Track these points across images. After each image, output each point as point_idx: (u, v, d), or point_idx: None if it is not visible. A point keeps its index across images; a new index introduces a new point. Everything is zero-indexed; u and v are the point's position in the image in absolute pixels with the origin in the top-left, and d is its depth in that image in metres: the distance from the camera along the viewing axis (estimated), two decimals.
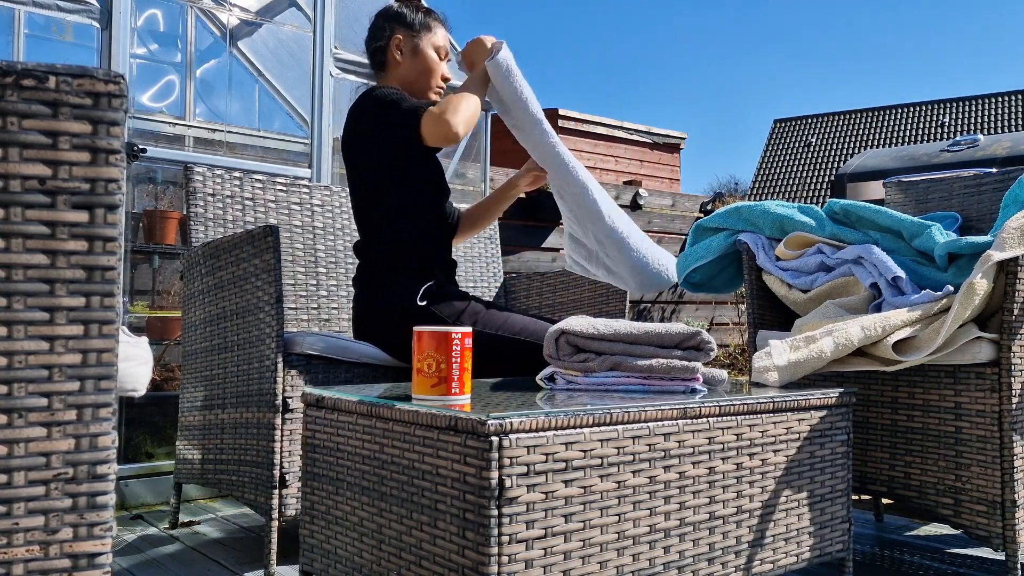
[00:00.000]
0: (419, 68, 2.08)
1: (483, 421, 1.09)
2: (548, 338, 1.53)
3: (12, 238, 0.74)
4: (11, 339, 0.74)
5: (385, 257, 1.95)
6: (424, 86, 2.08)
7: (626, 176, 7.24)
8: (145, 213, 3.14)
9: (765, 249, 2.16)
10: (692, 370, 1.47)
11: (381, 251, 1.96)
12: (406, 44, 2.07)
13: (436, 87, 2.11)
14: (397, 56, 2.07)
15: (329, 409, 1.40)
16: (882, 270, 1.90)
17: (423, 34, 2.08)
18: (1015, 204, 2.03)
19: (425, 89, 2.09)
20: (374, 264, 1.97)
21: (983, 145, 4.60)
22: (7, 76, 0.73)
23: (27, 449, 0.74)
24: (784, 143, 24.09)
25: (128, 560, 1.94)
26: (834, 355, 1.72)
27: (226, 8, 3.33)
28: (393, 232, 1.95)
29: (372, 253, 1.98)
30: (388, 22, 2.09)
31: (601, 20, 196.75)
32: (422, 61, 2.07)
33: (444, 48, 2.12)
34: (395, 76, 2.09)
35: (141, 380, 1.09)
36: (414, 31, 2.08)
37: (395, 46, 2.07)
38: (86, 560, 0.77)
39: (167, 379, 2.96)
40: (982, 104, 21.29)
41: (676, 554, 1.31)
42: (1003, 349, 1.70)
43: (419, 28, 2.08)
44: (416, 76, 2.08)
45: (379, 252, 1.97)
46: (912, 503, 1.85)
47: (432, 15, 2.12)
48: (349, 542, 1.34)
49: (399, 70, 2.08)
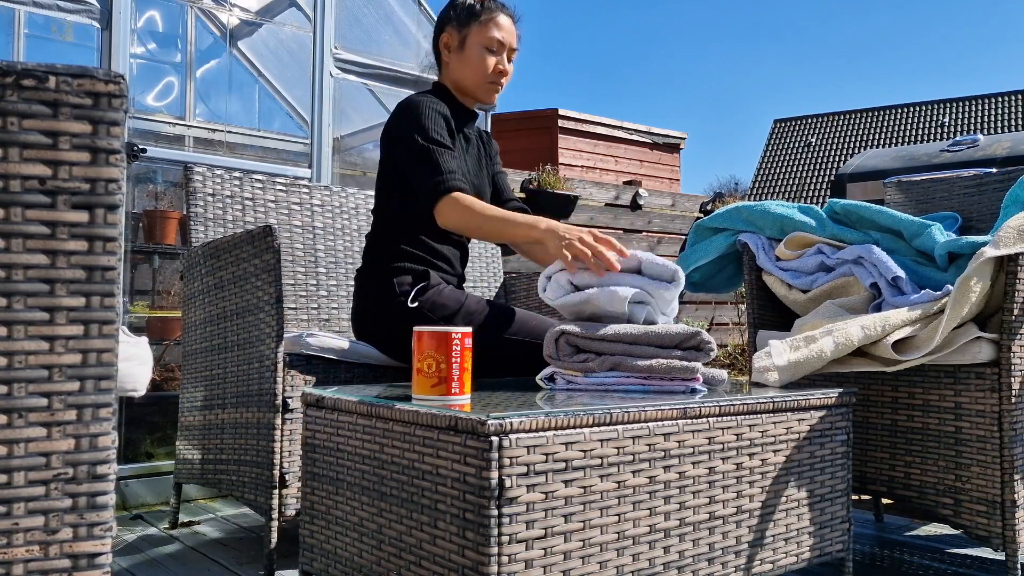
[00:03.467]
0: (465, 65, 1.95)
1: (483, 421, 1.09)
2: (548, 338, 1.52)
3: (12, 238, 0.74)
4: (11, 339, 0.74)
5: (386, 253, 1.94)
6: (473, 83, 1.96)
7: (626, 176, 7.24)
8: (145, 213, 3.14)
9: (765, 249, 2.16)
10: (692, 370, 1.47)
11: (383, 247, 1.95)
12: (452, 40, 1.96)
13: (488, 83, 1.96)
14: (446, 55, 1.98)
15: (329, 409, 1.40)
16: (882, 270, 1.90)
17: (472, 27, 1.93)
18: (1015, 204, 2.03)
19: (475, 86, 1.97)
20: (375, 258, 1.96)
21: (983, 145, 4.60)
22: (7, 76, 0.73)
23: (27, 449, 0.74)
24: (784, 143, 24.09)
25: (128, 560, 1.94)
26: (834, 355, 1.72)
27: (226, 8, 3.33)
28: (396, 230, 1.94)
29: (375, 247, 1.97)
30: (442, 17, 1.98)
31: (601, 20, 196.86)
32: (468, 57, 1.94)
33: (499, 39, 1.94)
34: (446, 76, 2.00)
35: (141, 380, 1.09)
36: (460, 25, 1.94)
37: (443, 44, 1.97)
38: (86, 560, 0.77)
39: (167, 379, 2.96)
40: (982, 104, 21.29)
41: (676, 554, 1.31)
42: (1003, 349, 1.70)
43: (466, 20, 1.93)
44: (463, 74, 1.96)
45: (381, 247, 1.95)
46: (912, 503, 1.85)
47: (487, 5, 1.95)
48: (349, 542, 1.34)
49: (448, 70, 1.98)
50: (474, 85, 1.97)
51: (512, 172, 4.63)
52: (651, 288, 1.57)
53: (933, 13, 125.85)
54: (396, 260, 1.92)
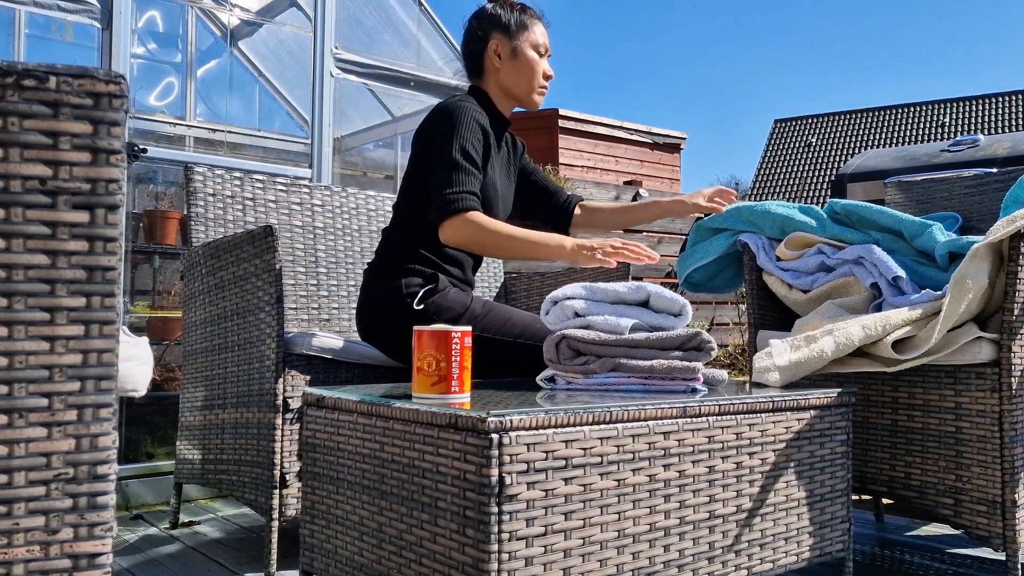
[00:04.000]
0: (520, 71, 2.00)
1: (483, 419, 1.10)
2: (548, 343, 1.52)
3: (13, 238, 0.74)
4: (11, 339, 0.74)
5: (400, 252, 1.94)
6: (526, 88, 2.02)
7: (626, 176, 7.24)
8: (146, 213, 3.14)
9: (765, 249, 2.16)
10: (693, 370, 1.47)
11: (398, 245, 1.94)
12: (503, 48, 1.99)
13: (539, 87, 2.03)
14: (496, 62, 2.00)
15: (329, 409, 1.40)
16: (883, 270, 1.90)
17: (521, 34, 1.99)
18: (1016, 204, 2.03)
19: (528, 91, 2.02)
20: (388, 256, 1.95)
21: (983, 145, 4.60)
22: (8, 76, 0.73)
23: (27, 449, 0.75)
24: (784, 143, 24.09)
25: (128, 560, 1.95)
26: (835, 355, 1.72)
27: (226, 8, 3.33)
28: (415, 231, 1.93)
29: (390, 245, 1.96)
30: (483, 26, 2.01)
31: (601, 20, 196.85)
32: (523, 64, 2.00)
33: (544, 45, 2.03)
34: (494, 83, 2.02)
35: (141, 380, 1.09)
36: (511, 33, 1.99)
37: (493, 51, 2.00)
38: (86, 560, 0.77)
39: (167, 379, 2.96)
40: (982, 104, 21.28)
41: (676, 553, 1.31)
42: (1003, 349, 1.70)
43: (516, 29, 1.99)
44: (516, 80, 2.01)
45: (396, 246, 1.95)
46: (912, 503, 1.85)
47: (528, 12, 2.02)
48: (349, 541, 1.35)
49: (498, 76, 2.01)
50: (528, 90, 2.03)
51: None
52: (657, 322, 1.57)
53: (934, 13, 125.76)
54: (408, 261, 1.92)
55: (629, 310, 1.58)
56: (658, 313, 1.58)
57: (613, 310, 1.58)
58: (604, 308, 1.58)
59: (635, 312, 1.58)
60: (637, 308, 1.59)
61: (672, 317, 1.57)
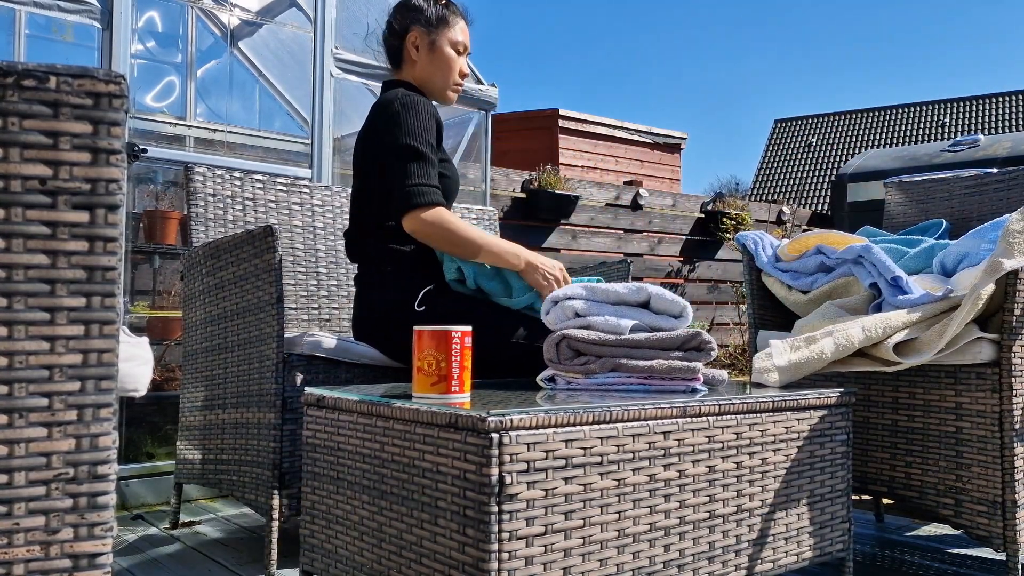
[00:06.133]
0: (435, 66, 2.02)
1: (483, 418, 1.10)
2: (549, 343, 1.52)
3: (13, 238, 0.74)
4: (12, 339, 0.74)
5: (385, 260, 1.94)
6: (441, 84, 2.04)
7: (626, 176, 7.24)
8: (146, 213, 3.14)
9: (765, 250, 2.16)
10: (693, 370, 1.47)
11: (381, 253, 1.94)
12: (422, 41, 2.02)
13: (453, 84, 2.05)
14: (413, 54, 2.02)
15: (329, 409, 1.40)
16: (882, 270, 1.90)
17: (440, 30, 2.02)
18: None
19: (442, 88, 2.04)
20: (375, 265, 1.95)
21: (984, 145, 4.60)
22: (8, 76, 0.73)
23: (28, 449, 0.75)
24: (785, 143, 24.08)
25: (128, 560, 1.95)
26: (835, 356, 1.72)
27: (227, 8, 3.33)
28: (392, 235, 1.93)
29: (372, 253, 1.96)
30: (404, 17, 2.04)
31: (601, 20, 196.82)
32: (439, 59, 2.02)
33: (463, 43, 2.05)
34: (411, 73, 2.04)
35: (142, 380, 1.09)
36: (431, 27, 2.01)
37: (411, 43, 2.02)
38: (86, 560, 0.77)
39: (168, 379, 2.96)
40: (982, 104, 21.28)
41: (676, 552, 1.31)
42: (1004, 349, 1.70)
43: (436, 23, 2.02)
44: (432, 74, 2.03)
45: (379, 254, 1.95)
46: (912, 503, 1.85)
47: (451, 8, 2.05)
48: (349, 541, 1.35)
49: (415, 68, 2.03)
50: (443, 86, 2.05)
51: (512, 172, 4.63)
52: (657, 324, 1.57)
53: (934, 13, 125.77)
54: (393, 265, 1.91)
55: (630, 311, 1.58)
56: (659, 314, 1.58)
57: (614, 311, 1.58)
58: (605, 309, 1.58)
59: (636, 313, 1.58)
60: (638, 309, 1.59)
61: (673, 319, 1.58)
